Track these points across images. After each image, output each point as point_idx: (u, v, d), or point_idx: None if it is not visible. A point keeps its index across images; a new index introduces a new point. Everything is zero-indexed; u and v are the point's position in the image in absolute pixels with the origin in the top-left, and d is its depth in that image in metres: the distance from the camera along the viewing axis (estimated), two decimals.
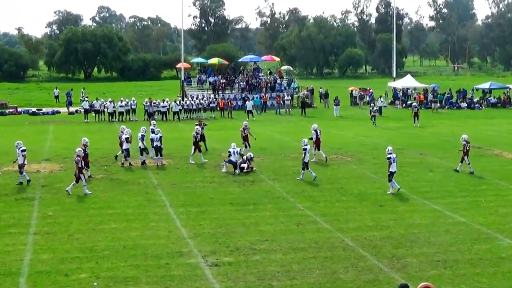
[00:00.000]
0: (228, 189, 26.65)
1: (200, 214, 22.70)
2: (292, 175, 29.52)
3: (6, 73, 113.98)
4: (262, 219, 21.99)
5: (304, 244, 19.07)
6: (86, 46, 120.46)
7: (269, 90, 68.21)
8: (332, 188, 26.73)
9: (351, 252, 18.34)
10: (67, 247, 18.83)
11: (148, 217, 22.23)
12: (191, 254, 18.25)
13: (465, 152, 29.96)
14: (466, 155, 29.93)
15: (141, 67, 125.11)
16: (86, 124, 52.84)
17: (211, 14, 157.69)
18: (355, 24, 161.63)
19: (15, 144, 28.28)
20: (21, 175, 27.51)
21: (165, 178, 28.76)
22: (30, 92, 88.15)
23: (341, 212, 22.93)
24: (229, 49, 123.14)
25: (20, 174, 27.56)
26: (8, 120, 56.80)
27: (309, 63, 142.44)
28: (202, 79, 71.72)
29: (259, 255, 18.06)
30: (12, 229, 20.75)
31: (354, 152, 35.89)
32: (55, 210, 23.26)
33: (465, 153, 29.96)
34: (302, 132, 44.80)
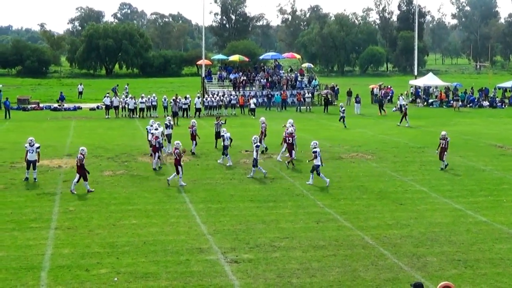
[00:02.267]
0: (248, 186, 26.67)
1: (220, 210, 22.74)
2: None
3: (28, 69, 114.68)
4: (282, 216, 22.00)
5: (324, 242, 19.05)
6: (107, 43, 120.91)
7: (289, 88, 68.15)
8: (353, 186, 26.66)
9: (371, 250, 18.30)
10: (87, 242, 18.96)
11: (168, 213, 22.30)
12: (211, 250, 18.29)
13: (443, 148, 30.08)
14: (445, 151, 30.15)
15: (162, 63, 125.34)
16: (107, 120, 53.06)
17: (232, 11, 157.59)
18: (376, 22, 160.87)
19: (28, 140, 27.91)
20: (34, 171, 27.30)
21: (186, 175, 28.76)
22: (52, 88, 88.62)
23: (361, 210, 22.87)
24: (250, 46, 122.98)
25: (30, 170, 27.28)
26: (30, 115, 57.18)
27: (330, 61, 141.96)
28: (222, 76, 71.78)
29: (278, 252, 18.06)
30: (33, 224, 20.91)
31: (374, 150, 35.77)
32: (76, 205, 23.40)
33: (443, 150, 30.11)
34: (323, 130, 44.81)
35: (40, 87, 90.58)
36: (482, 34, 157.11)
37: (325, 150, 35.38)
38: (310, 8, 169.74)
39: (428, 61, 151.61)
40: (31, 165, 27.32)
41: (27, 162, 27.33)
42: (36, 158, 27.56)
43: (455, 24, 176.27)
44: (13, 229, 20.26)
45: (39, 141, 37.56)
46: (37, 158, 27.65)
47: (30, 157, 27.25)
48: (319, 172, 27.08)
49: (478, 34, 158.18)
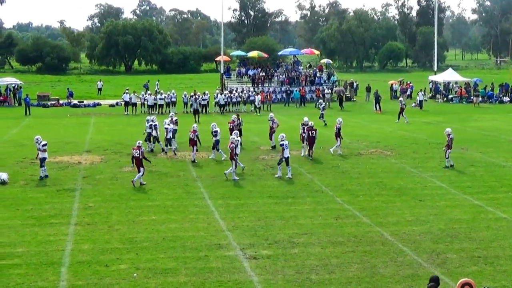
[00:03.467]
0: (267, 182, 26.66)
1: (239, 206, 22.77)
2: (331, 168, 29.43)
3: (48, 66, 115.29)
4: (301, 212, 21.98)
5: (342, 238, 19.02)
6: (126, 39, 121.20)
7: (308, 84, 68.04)
8: (372, 182, 26.59)
9: (390, 247, 18.24)
10: (107, 238, 19.05)
11: (187, 209, 22.35)
12: (229, 246, 18.32)
13: (447, 146, 29.83)
14: (449, 149, 29.84)
15: (181, 60, 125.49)
16: (126, 116, 53.25)
17: (251, 7, 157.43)
18: (395, 17, 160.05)
19: (34, 139, 27.91)
20: (42, 168, 27.27)
21: (205, 171, 28.87)
22: (71, 85, 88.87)
23: (380, 207, 22.80)
24: (269, 42, 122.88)
25: (41, 168, 27.32)
26: (50, 112, 57.50)
27: (349, 57, 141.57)
28: (241, 72, 71.81)
29: (297, 249, 18.06)
30: (53, 220, 21.05)
31: (393, 146, 35.63)
32: (95, 201, 23.52)
33: (448, 147, 29.85)
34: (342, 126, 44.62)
35: (60, 83, 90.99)
36: (502, 29, 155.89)
37: (344, 146, 35.34)
38: (329, 3, 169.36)
39: (448, 56, 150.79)
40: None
41: (40, 161, 27.41)
42: (46, 156, 27.58)
43: (475, 19, 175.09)
44: (33, 225, 20.41)
45: (59, 137, 38.02)
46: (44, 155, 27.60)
47: (42, 155, 27.29)
48: (288, 163, 27.55)
49: (498, 29, 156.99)
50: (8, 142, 37.44)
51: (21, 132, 42.61)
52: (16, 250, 17.95)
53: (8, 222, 20.72)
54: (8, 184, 26.17)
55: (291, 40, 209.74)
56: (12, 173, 28.06)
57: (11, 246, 18.25)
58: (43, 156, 27.31)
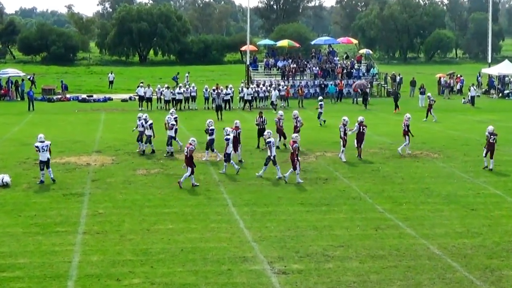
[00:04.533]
0: (298, 188, 26.63)
1: (266, 215, 22.76)
2: (370, 172, 29.34)
3: (54, 56, 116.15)
4: (336, 222, 21.93)
5: (383, 252, 18.94)
6: (141, 26, 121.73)
7: (345, 77, 67.89)
8: (417, 189, 26.45)
9: (438, 262, 18.13)
10: (118, 249, 19.14)
11: (209, 218, 22.39)
12: (256, 259, 18.32)
13: (490, 145, 29.94)
14: (492, 149, 29.90)
15: (202, 49, 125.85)
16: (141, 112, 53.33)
17: None
18: (444, 2, 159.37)
19: (38, 137, 27.61)
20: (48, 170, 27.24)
21: (228, 175, 28.89)
22: (80, 77, 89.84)
23: (427, 216, 22.67)
24: (301, 30, 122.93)
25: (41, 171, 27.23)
26: (56, 107, 57.99)
27: (391, 46, 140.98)
28: (269, 64, 71.82)
29: (332, 263, 18.01)
30: (59, 228, 21.18)
31: (441, 148, 35.43)
32: (106, 207, 23.64)
33: (490, 147, 29.92)
34: (382, 124, 44.54)
35: (67, 75, 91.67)
36: None
37: (385, 147, 35.24)
38: None
39: (504, 46, 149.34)
40: (45, 165, 27.23)
41: (41, 163, 27.29)
42: (49, 157, 27.47)
43: None
44: (37, 233, 20.55)
45: (66, 136, 38.30)
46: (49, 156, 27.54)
47: (42, 157, 27.12)
48: (275, 162, 28.17)
49: None
50: (10, 141, 37.79)
51: (24, 129, 43.00)
52: (18, 261, 18.07)
53: (9, 230, 20.89)
54: (9, 187, 26.39)
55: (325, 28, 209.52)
56: (14, 175, 28.31)
57: (12, 257, 18.39)
58: (46, 158, 27.30)
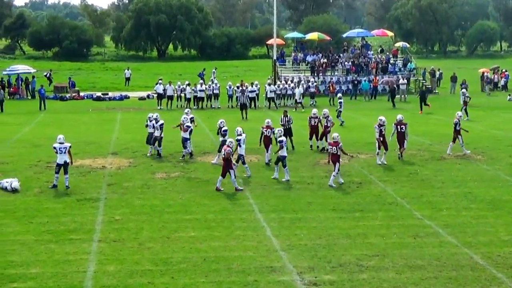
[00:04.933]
0: (330, 193, 26.62)
1: (295, 221, 22.76)
2: (408, 176, 29.26)
3: (66, 51, 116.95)
4: (371, 229, 21.89)
5: (422, 261, 18.88)
6: (159, 19, 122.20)
7: (379, 72, 67.75)
8: (458, 193, 26.35)
9: (481, 273, 18.04)
10: (137, 258, 19.21)
11: (233, 224, 22.42)
12: (284, 270, 18.33)
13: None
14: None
15: (225, 43, 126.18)
16: (160, 111, 53.50)
17: None
18: None
19: (57, 138, 27.55)
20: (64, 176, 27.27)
21: (254, 178, 28.93)
22: (94, 73, 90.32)
23: (469, 223, 22.57)
24: (332, 22, 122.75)
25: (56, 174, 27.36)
26: (68, 106, 58.35)
27: (429, 39, 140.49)
28: (298, 58, 71.82)
29: (367, 273, 17.99)
30: (73, 235, 21.30)
31: (485, 149, 35.26)
32: (123, 213, 23.75)
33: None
34: (421, 124, 44.36)
35: (80, 72, 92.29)
36: None
37: (424, 148, 35.15)
38: None
39: None
40: (60, 169, 27.25)
41: (57, 166, 27.38)
42: (67, 160, 27.36)
43: None
44: (49, 241, 20.68)
45: (80, 137, 38.51)
46: (69, 159, 27.55)
47: (60, 159, 27.15)
48: (285, 164, 28.27)
49: None
50: (20, 142, 38.05)
51: (35, 130, 43.32)
52: (30, 271, 18.20)
53: (20, 238, 21.04)
54: (19, 192, 26.59)
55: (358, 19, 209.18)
56: (25, 179, 28.52)
57: (24, 266, 18.52)
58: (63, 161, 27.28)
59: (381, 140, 31.84)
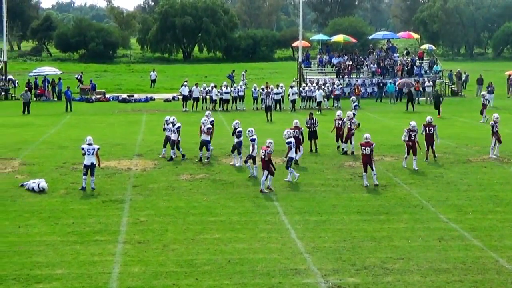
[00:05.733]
0: (355, 195, 26.57)
1: (320, 224, 22.74)
2: (433, 179, 29.14)
3: (93, 53, 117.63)
4: (396, 232, 21.82)
5: (447, 265, 18.80)
6: (185, 21, 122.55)
7: (405, 74, 67.54)
8: (484, 196, 26.20)
9: (507, 276, 17.94)
10: (161, 260, 19.26)
11: (258, 227, 22.43)
12: (308, 272, 18.31)
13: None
14: None
15: (251, 45, 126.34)
16: (185, 113, 53.72)
17: None
18: None
19: (86, 139, 27.81)
20: (91, 178, 27.41)
21: (279, 180, 28.90)
22: (120, 75, 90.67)
23: (495, 226, 22.45)
24: (357, 24, 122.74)
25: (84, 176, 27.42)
26: (94, 107, 58.59)
27: (455, 42, 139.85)
28: (323, 61, 71.75)
29: (391, 276, 17.93)
30: (98, 236, 21.41)
31: (511, 152, 35.05)
32: (148, 215, 23.82)
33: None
34: (446, 126, 44.15)
35: (106, 74, 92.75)
36: None
37: (450, 151, 34.99)
38: None
39: None
40: (88, 170, 27.35)
41: (84, 167, 27.47)
42: (94, 162, 27.38)
43: None
44: (75, 242, 20.79)
45: (105, 138, 38.67)
46: (96, 161, 27.63)
47: (87, 161, 27.21)
48: (289, 165, 28.57)
49: None
50: (46, 144, 38.24)
51: (61, 131, 43.52)
52: (55, 271, 18.30)
53: (46, 239, 21.16)
54: (46, 193, 26.74)
55: (384, 22, 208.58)
56: (51, 180, 28.67)
57: (49, 267, 18.63)
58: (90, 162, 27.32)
59: (410, 145, 31.58)
